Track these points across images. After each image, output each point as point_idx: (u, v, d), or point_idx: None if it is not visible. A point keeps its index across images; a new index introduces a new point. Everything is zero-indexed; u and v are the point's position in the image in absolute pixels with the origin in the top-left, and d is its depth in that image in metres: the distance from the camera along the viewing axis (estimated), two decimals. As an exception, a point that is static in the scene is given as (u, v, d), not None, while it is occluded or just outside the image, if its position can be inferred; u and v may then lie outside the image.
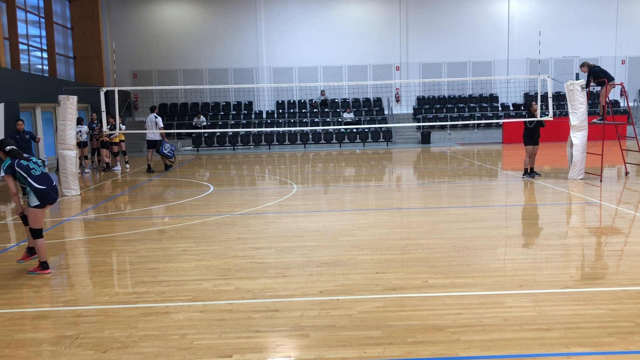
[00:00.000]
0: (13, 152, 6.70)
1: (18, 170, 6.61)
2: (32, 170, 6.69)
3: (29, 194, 6.66)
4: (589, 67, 13.37)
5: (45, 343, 4.72)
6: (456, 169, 16.78)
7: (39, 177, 6.71)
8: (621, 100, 28.59)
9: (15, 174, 6.62)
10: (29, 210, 6.71)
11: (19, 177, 6.64)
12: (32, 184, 6.62)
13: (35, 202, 6.65)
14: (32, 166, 6.73)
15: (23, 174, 6.63)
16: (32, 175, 6.65)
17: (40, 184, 6.67)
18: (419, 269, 6.55)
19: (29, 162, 6.74)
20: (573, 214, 10.21)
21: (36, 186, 6.64)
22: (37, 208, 6.68)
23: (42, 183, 6.70)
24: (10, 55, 20.16)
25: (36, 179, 6.67)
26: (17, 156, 6.71)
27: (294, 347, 4.57)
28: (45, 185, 6.71)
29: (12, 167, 6.61)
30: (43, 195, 6.68)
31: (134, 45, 28.86)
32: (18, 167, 6.63)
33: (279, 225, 9.39)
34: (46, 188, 6.71)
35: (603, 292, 5.74)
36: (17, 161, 6.66)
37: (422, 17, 29.33)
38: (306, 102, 29.54)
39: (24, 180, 6.63)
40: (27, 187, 6.64)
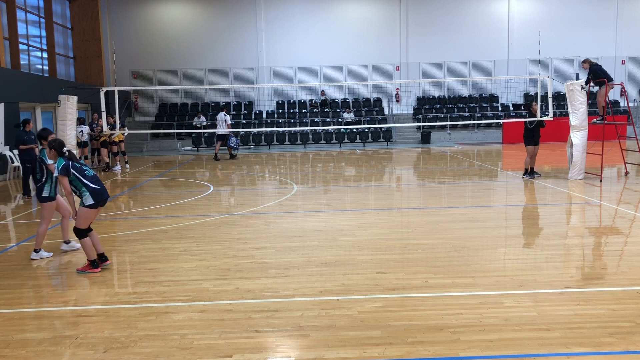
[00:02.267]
0: (69, 154, 6.74)
1: (73, 172, 6.62)
2: (86, 171, 6.74)
3: (83, 195, 6.65)
4: (590, 65, 13.37)
5: (45, 343, 4.72)
6: (456, 169, 16.78)
7: (93, 178, 6.75)
8: (621, 100, 28.58)
9: (70, 175, 6.63)
10: (81, 210, 6.69)
11: (73, 180, 6.65)
12: (88, 185, 6.65)
13: (90, 201, 6.65)
14: (85, 168, 6.78)
15: (78, 175, 6.65)
16: (86, 176, 6.70)
17: (94, 184, 6.71)
18: (419, 269, 6.55)
19: (81, 164, 6.80)
20: (573, 214, 10.21)
21: (92, 186, 6.67)
22: (89, 208, 6.68)
23: (96, 183, 6.74)
24: (10, 55, 20.16)
25: (90, 180, 6.71)
26: (72, 158, 6.74)
27: (294, 347, 4.57)
28: (99, 185, 6.76)
29: (67, 168, 6.63)
30: (99, 194, 6.70)
31: (134, 45, 28.85)
32: (73, 168, 6.64)
33: (279, 225, 9.39)
34: (100, 188, 6.75)
35: (603, 292, 5.74)
36: (71, 162, 6.68)
37: (422, 17, 29.33)
38: (306, 102, 29.54)
39: (77, 182, 6.65)
40: (82, 188, 6.65)
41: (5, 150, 16.70)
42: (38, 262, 7.39)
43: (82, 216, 6.71)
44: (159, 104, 29.46)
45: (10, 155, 16.93)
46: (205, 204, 11.62)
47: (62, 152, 6.75)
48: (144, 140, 27.45)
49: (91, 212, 6.74)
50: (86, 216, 6.72)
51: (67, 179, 6.63)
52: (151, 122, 28.47)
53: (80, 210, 6.71)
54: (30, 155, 12.56)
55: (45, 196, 7.45)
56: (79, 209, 6.73)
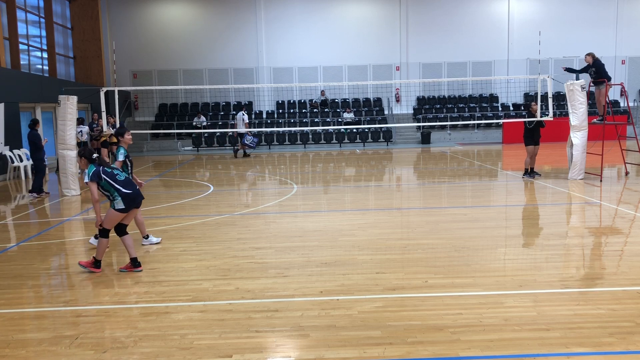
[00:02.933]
0: (99, 160, 6.64)
1: (104, 177, 6.52)
2: (117, 175, 6.64)
3: (115, 199, 6.56)
4: (593, 59, 13.33)
5: (45, 343, 4.72)
6: (456, 169, 16.78)
7: (125, 182, 6.65)
8: (621, 100, 28.58)
9: (102, 180, 6.53)
10: (110, 211, 6.60)
11: (104, 185, 6.54)
12: (120, 189, 6.55)
13: (121, 206, 6.56)
14: (116, 172, 6.68)
15: (109, 180, 6.54)
16: (117, 181, 6.59)
17: (127, 188, 6.60)
18: (419, 269, 6.54)
19: (112, 168, 6.72)
20: (573, 214, 10.21)
21: (124, 191, 6.57)
22: (119, 212, 6.59)
23: (128, 187, 6.63)
24: (10, 55, 20.16)
25: (122, 184, 6.60)
26: (102, 163, 6.65)
27: (294, 347, 4.57)
28: (131, 189, 6.65)
29: (98, 174, 6.51)
30: (132, 199, 6.61)
31: (134, 45, 28.85)
32: (103, 173, 6.55)
33: (279, 225, 9.39)
34: (132, 192, 6.64)
35: (603, 292, 5.74)
36: (102, 168, 6.59)
37: (422, 17, 29.32)
38: (306, 102, 29.54)
39: (109, 187, 6.54)
40: (114, 192, 6.54)
41: (5, 150, 16.70)
42: (147, 247, 7.70)
43: (110, 218, 6.59)
44: (159, 104, 29.46)
45: (10, 155, 16.94)
46: (205, 204, 11.62)
47: (92, 158, 6.63)
48: (144, 140, 27.44)
49: (118, 216, 6.61)
50: (114, 219, 6.61)
51: (96, 185, 6.51)
52: (151, 122, 28.47)
53: (109, 212, 6.59)
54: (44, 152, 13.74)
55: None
56: (109, 211, 6.61)
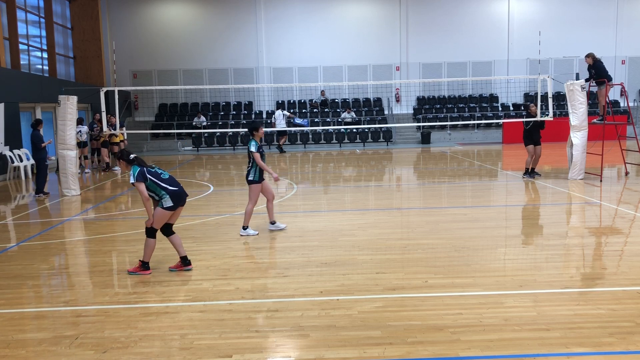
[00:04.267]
0: (138, 160, 6.56)
1: (149, 177, 6.44)
2: (161, 174, 6.58)
3: (163, 198, 6.47)
4: (593, 60, 13.33)
5: (45, 343, 4.72)
6: (456, 169, 16.78)
7: (169, 180, 6.58)
8: (621, 100, 28.58)
9: (147, 180, 6.43)
10: (157, 211, 6.52)
11: (150, 185, 6.44)
12: (167, 187, 6.48)
13: (169, 203, 6.48)
14: (160, 171, 6.62)
15: (154, 179, 6.46)
16: (162, 179, 6.52)
17: (173, 186, 6.54)
18: (419, 269, 6.54)
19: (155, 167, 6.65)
20: (573, 214, 10.21)
21: (171, 189, 6.50)
22: (167, 210, 6.52)
23: (174, 185, 6.56)
24: (10, 55, 20.15)
25: (168, 182, 6.53)
26: (142, 164, 6.56)
27: (294, 347, 4.57)
28: (177, 186, 6.59)
29: (143, 174, 6.41)
30: (178, 196, 6.55)
31: (134, 45, 28.84)
32: (149, 173, 6.46)
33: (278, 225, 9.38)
34: (178, 189, 6.58)
35: (603, 292, 5.74)
36: (146, 168, 6.51)
37: (422, 17, 29.31)
38: (306, 102, 29.54)
39: (155, 187, 6.46)
40: (161, 191, 6.46)
41: (5, 150, 16.70)
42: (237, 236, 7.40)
43: (158, 217, 6.52)
44: (159, 104, 29.45)
45: (10, 155, 16.94)
46: (205, 204, 11.62)
47: (131, 159, 6.53)
48: (144, 140, 27.44)
49: (167, 214, 6.55)
50: (162, 218, 6.54)
51: (143, 185, 6.40)
52: (151, 122, 28.46)
53: (157, 212, 6.52)
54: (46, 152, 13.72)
55: (251, 179, 8.35)
56: (156, 210, 6.54)
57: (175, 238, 6.74)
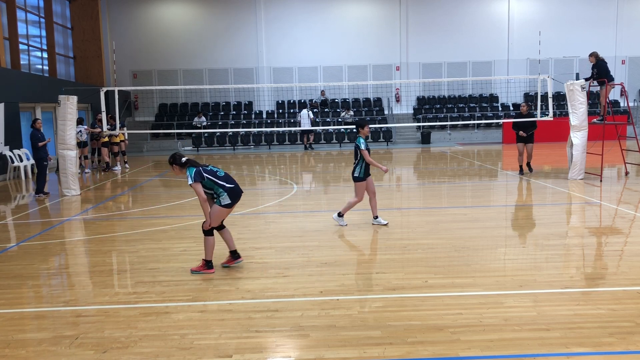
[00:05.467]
0: (190, 161, 6.52)
1: (206, 176, 6.40)
2: (217, 172, 6.54)
3: (221, 195, 6.43)
4: (596, 59, 13.40)
5: (45, 343, 4.72)
6: (456, 169, 16.78)
7: (225, 177, 6.54)
8: (621, 100, 28.58)
9: (204, 179, 6.39)
10: (215, 208, 6.46)
11: (207, 183, 6.40)
12: (224, 185, 6.45)
13: (227, 201, 6.45)
14: (215, 169, 6.58)
15: (212, 178, 6.43)
16: (219, 177, 6.48)
17: (229, 183, 6.51)
18: (419, 269, 6.54)
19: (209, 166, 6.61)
20: (573, 214, 10.21)
21: (228, 186, 6.46)
22: (225, 207, 6.50)
23: (230, 182, 6.53)
24: (10, 55, 20.15)
25: (224, 179, 6.50)
26: (196, 164, 6.51)
27: (294, 347, 4.57)
28: (233, 183, 6.54)
29: (200, 174, 6.37)
30: (235, 193, 6.53)
31: (134, 45, 28.84)
32: (205, 172, 6.42)
33: (279, 225, 9.39)
34: (235, 186, 6.55)
35: (603, 292, 5.74)
36: (202, 168, 6.47)
37: (422, 17, 29.31)
38: (306, 102, 29.53)
39: (212, 185, 6.42)
40: (219, 189, 6.43)
41: (5, 150, 16.70)
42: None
43: (216, 215, 6.49)
44: (159, 104, 29.45)
45: (10, 155, 16.94)
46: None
47: (183, 163, 6.48)
48: (144, 140, 27.44)
49: (225, 212, 6.54)
50: (220, 215, 6.52)
51: (200, 186, 6.35)
52: (151, 122, 28.47)
53: (215, 209, 6.48)
54: (46, 152, 13.67)
55: (356, 176, 8.62)
56: (213, 208, 6.49)
57: (226, 232, 6.74)
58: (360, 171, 8.59)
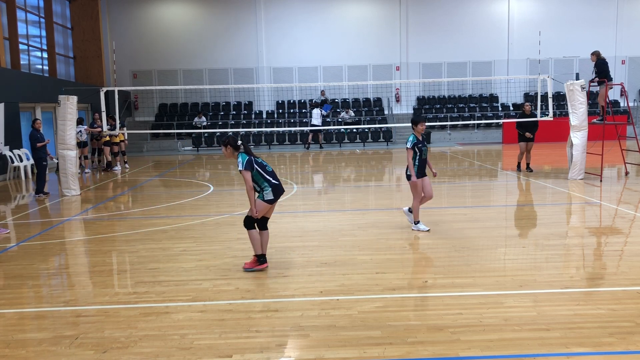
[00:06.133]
0: (245, 147, 6.48)
1: (256, 167, 6.39)
2: (266, 166, 6.52)
3: (265, 190, 6.43)
4: (597, 58, 13.52)
5: (45, 343, 4.72)
6: (456, 169, 16.78)
7: (272, 173, 6.54)
8: (621, 100, 28.58)
9: (254, 170, 6.37)
10: (258, 202, 6.44)
11: (254, 175, 6.38)
12: (271, 180, 6.45)
13: (270, 196, 6.45)
14: (265, 163, 6.56)
15: (260, 170, 6.41)
16: (267, 171, 6.47)
17: (275, 179, 6.51)
18: (419, 269, 6.54)
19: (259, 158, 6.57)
20: (573, 214, 10.21)
21: (273, 182, 6.47)
22: (267, 202, 6.47)
23: (275, 178, 6.53)
24: (10, 55, 20.15)
25: (271, 175, 6.49)
26: (249, 152, 6.47)
27: (294, 347, 4.57)
28: (277, 181, 6.55)
29: (251, 163, 6.36)
30: (279, 190, 6.53)
31: (134, 45, 28.84)
32: (256, 163, 6.41)
33: (278, 225, 9.38)
34: (279, 184, 6.56)
35: (603, 292, 5.74)
36: (254, 158, 6.45)
37: (422, 17, 29.31)
38: (306, 102, 29.53)
39: (259, 177, 6.41)
40: (264, 183, 6.42)
41: (5, 150, 16.70)
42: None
43: (258, 209, 6.46)
44: (159, 104, 29.45)
45: (10, 155, 16.94)
46: (205, 204, 11.62)
47: (238, 146, 6.47)
48: (144, 140, 27.44)
49: (267, 207, 6.51)
50: (262, 209, 6.49)
51: (250, 174, 6.33)
52: (151, 122, 28.46)
53: (258, 203, 6.44)
54: (45, 152, 13.71)
55: (408, 174, 8.33)
56: (257, 202, 6.47)
57: (265, 234, 6.68)
58: (414, 170, 8.26)
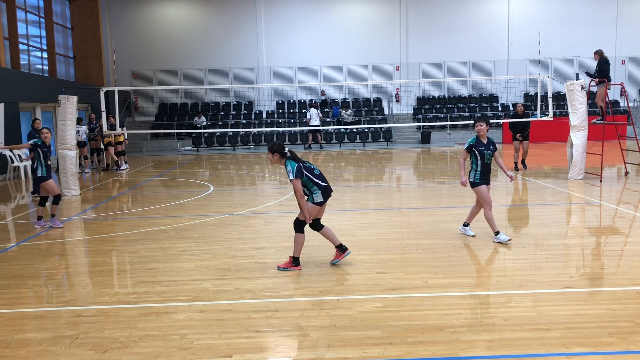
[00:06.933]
0: (292, 154, 6.50)
1: (305, 173, 6.42)
2: (314, 170, 6.55)
3: (314, 193, 6.47)
4: (600, 57, 13.57)
5: (45, 343, 4.72)
6: (456, 169, 16.77)
7: (320, 176, 6.56)
8: (621, 100, 28.58)
9: (304, 176, 6.41)
10: (308, 206, 6.49)
11: (304, 180, 6.43)
12: (319, 183, 6.48)
13: (320, 199, 6.50)
14: (312, 166, 6.59)
15: (309, 175, 6.45)
16: (315, 175, 6.51)
17: (323, 182, 6.54)
18: (419, 269, 6.54)
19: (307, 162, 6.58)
20: (573, 214, 10.21)
21: (322, 184, 6.50)
22: (317, 205, 6.52)
23: (323, 180, 6.56)
24: (10, 55, 20.15)
25: (319, 178, 6.52)
26: (297, 158, 6.49)
27: (294, 347, 4.57)
28: (326, 182, 6.59)
29: (301, 170, 6.40)
30: (327, 192, 6.55)
31: (134, 45, 28.84)
32: (305, 169, 6.43)
33: (279, 225, 9.38)
34: (328, 185, 6.59)
35: (603, 292, 5.74)
36: (303, 164, 6.47)
37: (422, 17, 29.32)
38: (306, 102, 29.53)
39: (308, 182, 6.45)
40: (313, 187, 6.46)
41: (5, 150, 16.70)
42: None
43: (310, 213, 6.51)
44: (159, 104, 29.45)
45: (10, 155, 16.93)
46: (205, 204, 11.62)
47: (285, 153, 6.49)
48: (144, 140, 27.44)
49: (317, 209, 6.56)
50: (312, 213, 6.53)
51: (300, 181, 6.37)
52: (151, 122, 28.47)
53: (309, 207, 6.50)
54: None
55: (472, 181, 7.78)
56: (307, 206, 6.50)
57: (327, 230, 6.74)
58: (475, 176, 7.72)
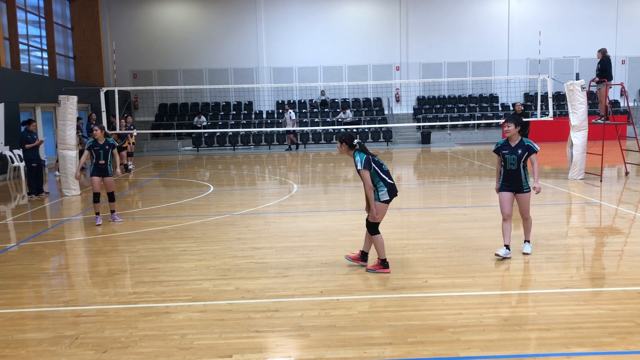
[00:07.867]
0: (361, 146, 6.36)
1: (374, 166, 6.25)
2: (383, 165, 6.37)
3: (380, 190, 6.27)
4: (603, 55, 13.50)
5: (45, 343, 4.72)
6: (456, 169, 16.77)
7: (387, 172, 6.38)
8: (621, 100, 28.57)
9: (372, 169, 6.24)
10: (377, 205, 6.31)
11: (371, 174, 6.24)
12: (386, 180, 6.29)
13: (386, 197, 6.30)
14: (380, 162, 6.41)
15: (377, 169, 6.27)
16: (383, 171, 6.32)
17: (390, 179, 6.36)
18: (419, 269, 6.54)
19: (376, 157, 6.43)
20: (573, 214, 10.21)
21: (389, 182, 6.31)
22: (385, 203, 6.34)
23: (390, 178, 6.37)
24: (10, 55, 20.15)
25: (387, 174, 6.34)
26: (366, 150, 6.35)
27: (294, 347, 4.57)
28: (392, 180, 6.40)
29: (369, 162, 6.23)
30: (394, 190, 6.40)
31: (134, 45, 28.84)
32: (374, 162, 6.27)
33: (279, 225, 9.38)
34: (394, 184, 6.40)
35: (603, 292, 5.74)
36: (372, 157, 6.32)
37: (422, 17, 29.31)
38: (306, 102, 29.53)
39: (375, 176, 6.25)
40: (380, 183, 6.26)
41: (5, 150, 16.70)
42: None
43: (380, 211, 6.35)
44: (159, 104, 29.45)
45: (10, 155, 16.93)
46: (205, 204, 11.62)
47: (354, 144, 6.37)
48: (144, 140, 27.44)
49: (385, 207, 6.36)
50: (381, 211, 6.35)
51: (368, 172, 6.21)
52: (151, 122, 28.47)
53: (377, 206, 6.31)
54: (34, 154, 13.14)
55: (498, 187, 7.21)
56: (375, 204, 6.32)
57: (379, 238, 6.50)
58: (500, 181, 7.18)
